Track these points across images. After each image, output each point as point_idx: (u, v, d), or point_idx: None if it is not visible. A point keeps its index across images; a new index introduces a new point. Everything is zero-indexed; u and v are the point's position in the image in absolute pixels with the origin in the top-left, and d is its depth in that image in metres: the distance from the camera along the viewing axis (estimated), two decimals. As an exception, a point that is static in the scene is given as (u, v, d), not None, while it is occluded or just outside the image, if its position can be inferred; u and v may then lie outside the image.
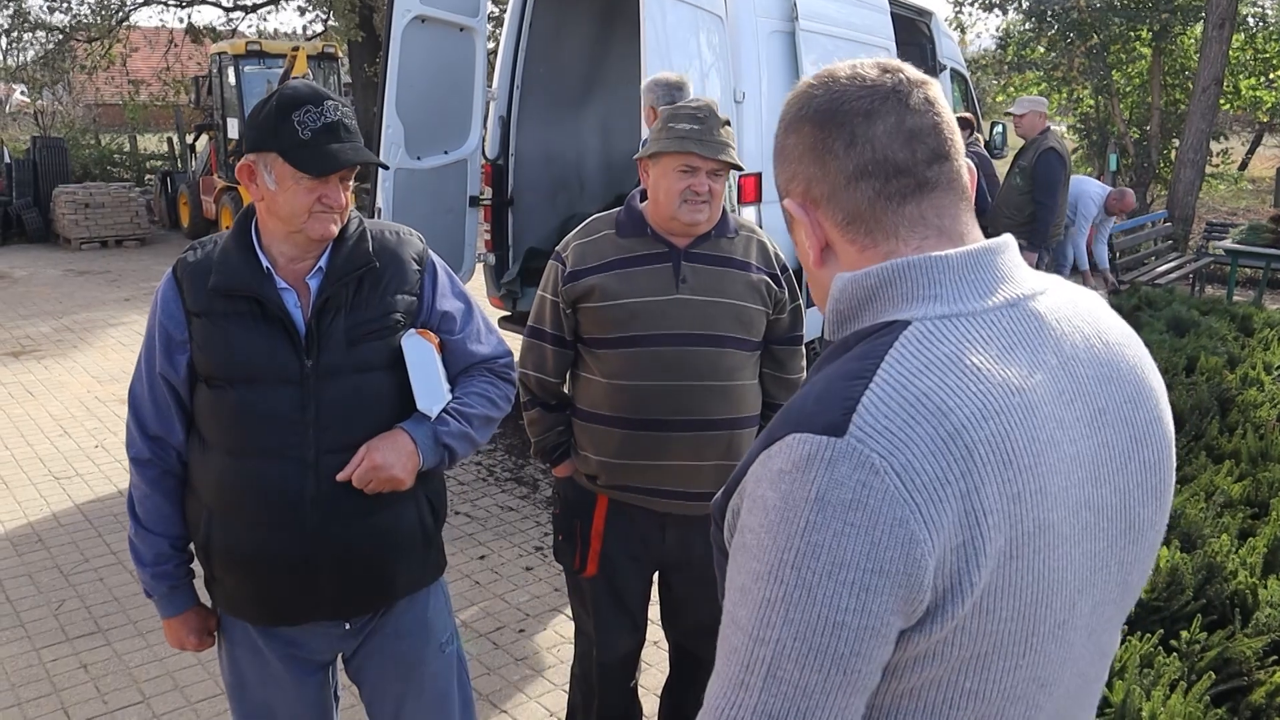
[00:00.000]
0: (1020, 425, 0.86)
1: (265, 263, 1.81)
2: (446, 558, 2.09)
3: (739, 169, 2.25)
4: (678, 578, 2.50)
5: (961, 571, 0.82)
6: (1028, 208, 6.67)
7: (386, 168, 2.39)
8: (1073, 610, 0.91)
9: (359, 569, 1.86)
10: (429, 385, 1.86)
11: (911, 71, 0.98)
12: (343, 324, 1.82)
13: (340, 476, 1.77)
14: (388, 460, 1.78)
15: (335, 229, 1.80)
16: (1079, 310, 0.98)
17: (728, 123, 2.25)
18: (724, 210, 2.35)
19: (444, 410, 1.88)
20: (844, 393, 0.85)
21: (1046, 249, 6.64)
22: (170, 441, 1.87)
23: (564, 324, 2.34)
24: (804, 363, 2.52)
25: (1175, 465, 1.04)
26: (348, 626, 1.95)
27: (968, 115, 7.32)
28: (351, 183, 1.82)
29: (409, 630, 2.00)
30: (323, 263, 1.84)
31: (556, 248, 2.40)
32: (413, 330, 1.88)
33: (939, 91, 0.99)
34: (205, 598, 1.99)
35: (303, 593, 1.84)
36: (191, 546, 1.94)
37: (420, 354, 1.86)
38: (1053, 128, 6.88)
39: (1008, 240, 0.98)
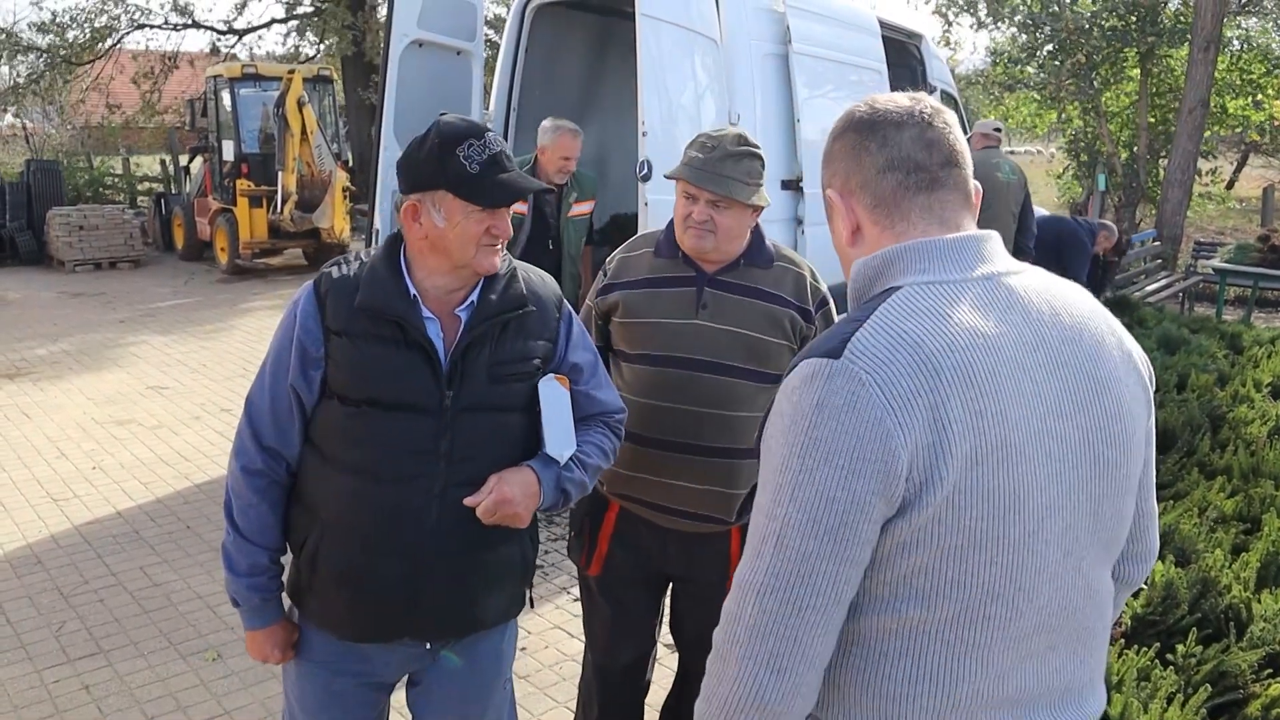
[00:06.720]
0: (983, 358, 1.08)
1: (412, 290, 1.81)
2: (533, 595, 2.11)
3: (748, 205, 2.19)
4: (681, 590, 2.53)
5: (932, 467, 1.05)
6: None
7: (552, 192, 2.51)
8: (1041, 524, 1.11)
9: (460, 598, 1.87)
10: (561, 430, 1.89)
11: (933, 102, 1.24)
12: (487, 360, 1.82)
13: (468, 502, 1.76)
14: (516, 495, 1.79)
15: (500, 261, 1.83)
16: (1051, 289, 1.20)
17: (755, 156, 2.21)
18: (762, 239, 2.33)
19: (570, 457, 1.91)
20: (842, 331, 1.12)
21: None
22: (284, 454, 1.87)
23: (592, 329, 2.40)
24: None
25: (1145, 418, 1.24)
26: (428, 647, 1.94)
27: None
28: (511, 213, 1.83)
29: (483, 661, 2.00)
30: (474, 296, 1.84)
31: (608, 259, 2.48)
32: (550, 375, 1.91)
33: (954, 119, 1.24)
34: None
35: (402, 614, 1.84)
36: (283, 559, 1.93)
37: (556, 399, 1.90)
38: (999, 150, 6.88)
39: (994, 233, 1.21)
